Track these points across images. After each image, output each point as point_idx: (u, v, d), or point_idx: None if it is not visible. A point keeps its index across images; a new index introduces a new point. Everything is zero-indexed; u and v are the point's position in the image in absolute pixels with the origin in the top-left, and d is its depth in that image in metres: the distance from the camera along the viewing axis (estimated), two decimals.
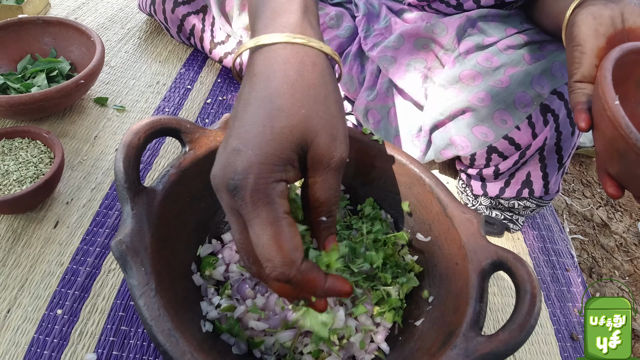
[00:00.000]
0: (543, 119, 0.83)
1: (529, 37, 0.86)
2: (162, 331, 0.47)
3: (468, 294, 0.59)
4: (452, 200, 0.69)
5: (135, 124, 0.59)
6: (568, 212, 1.41)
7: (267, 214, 0.40)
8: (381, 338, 0.65)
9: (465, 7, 0.96)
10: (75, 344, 0.68)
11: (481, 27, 0.90)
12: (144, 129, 0.59)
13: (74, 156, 0.93)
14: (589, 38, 0.58)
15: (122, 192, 0.56)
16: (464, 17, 0.93)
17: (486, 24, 0.90)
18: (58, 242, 0.79)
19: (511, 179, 0.94)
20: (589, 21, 0.59)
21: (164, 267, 0.56)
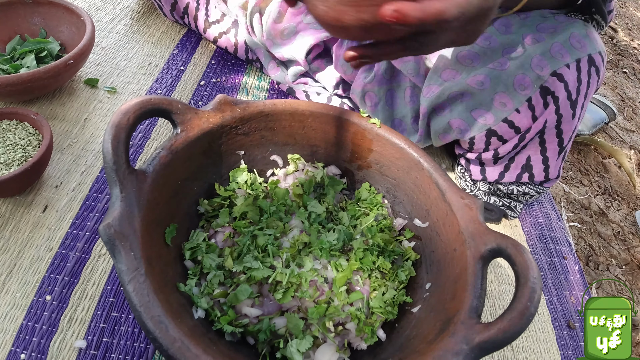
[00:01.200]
0: (543, 102, 0.81)
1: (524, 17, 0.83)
2: (152, 318, 0.46)
3: (466, 280, 0.58)
4: (450, 186, 0.68)
5: (124, 104, 0.57)
6: (566, 200, 1.39)
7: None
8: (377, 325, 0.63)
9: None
10: (65, 330, 0.67)
11: None
12: (133, 109, 0.57)
13: (63, 139, 0.91)
14: None
15: (110, 175, 0.54)
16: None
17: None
18: (47, 227, 0.77)
19: (511, 163, 0.93)
20: None
21: (154, 252, 0.55)
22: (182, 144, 0.63)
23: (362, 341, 0.62)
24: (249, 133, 0.72)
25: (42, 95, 0.97)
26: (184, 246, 0.63)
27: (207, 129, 0.66)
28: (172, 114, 0.63)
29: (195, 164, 0.66)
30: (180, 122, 0.64)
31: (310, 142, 0.77)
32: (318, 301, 0.60)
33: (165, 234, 0.60)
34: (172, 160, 0.62)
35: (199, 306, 0.58)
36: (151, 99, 0.60)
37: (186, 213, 0.66)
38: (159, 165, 0.60)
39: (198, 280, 0.61)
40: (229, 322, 0.58)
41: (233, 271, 0.62)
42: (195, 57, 1.19)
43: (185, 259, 0.63)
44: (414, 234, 0.73)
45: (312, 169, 0.77)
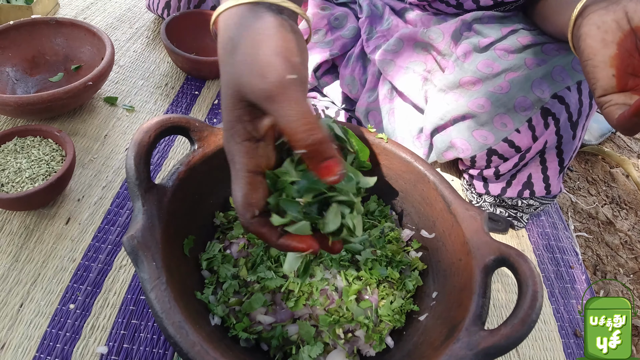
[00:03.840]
0: (544, 122, 0.83)
1: (529, 40, 0.84)
2: (173, 323, 0.49)
3: (471, 289, 0.61)
4: (456, 198, 0.70)
5: (145, 123, 0.61)
6: (573, 210, 1.41)
7: (233, 171, 0.46)
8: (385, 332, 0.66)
9: (465, 7, 0.95)
10: (87, 337, 0.70)
11: (477, 29, 0.89)
12: (154, 127, 0.61)
13: (84, 154, 0.95)
14: (598, 50, 0.56)
15: (133, 189, 0.58)
16: (459, 22, 0.92)
17: (482, 26, 0.89)
18: (70, 239, 0.81)
19: (512, 179, 0.95)
20: (593, 33, 0.57)
21: (174, 262, 0.58)
22: (200, 160, 0.66)
23: (370, 348, 0.64)
24: None
25: (64, 112, 1.01)
26: (201, 257, 0.67)
27: (222, 145, 0.69)
28: (189, 131, 0.66)
29: (211, 178, 0.69)
30: (197, 139, 0.67)
31: None
32: (329, 309, 0.63)
33: (183, 245, 0.63)
34: (190, 175, 0.65)
35: (216, 314, 0.61)
36: (170, 118, 0.63)
37: (203, 225, 0.70)
38: (177, 180, 0.63)
39: (214, 289, 0.65)
40: (244, 328, 0.61)
41: (247, 280, 0.65)
42: (209, 81, 1.22)
43: (202, 268, 0.66)
44: (421, 245, 0.76)
45: None
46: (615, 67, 0.56)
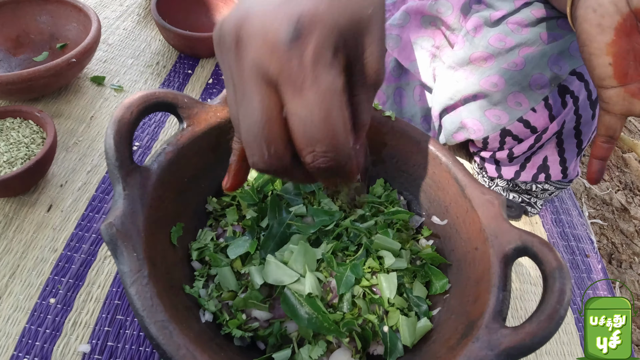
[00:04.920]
0: (561, 101, 0.78)
1: (543, 13, 0.78)
2: (155, 323, 0.43)
3: (489, 281, 0.55)
4: (471, 181, 0.64)
5: (127, 98, 0.55)
6: (586, 196, 1.35)
7: (329, 83, 0.31)
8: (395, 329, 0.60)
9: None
10: (69, 334, 0.64)
11: (488, 1, 0.83)
12: (137, 102, 0.54)
13: (68, 137, 0.89)
14: (594, 37, 0.51)
15: (113, 171, 0.51)
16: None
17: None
18: (51, 227, 0.75)
19: (527, 162, 0.89)
20: (589, 16, 0.51)
21: (159, 253, 0.52)
22: (189, 140, 0.60)
23: (378, 346, 0.58)
24: None
25: (48, 93, 0.95)
26: (191, 246, 0.61)
27: (214, 124, 0.63)
28: (177, 108, 0.60)
29: (203, 160, 0.63)
30: (186, 116, 0.61)
31: None
32: (332, 304, 0.57)
33: (171, 233, 0.57)
34: (178, 157, 0.59)
35: (207, 309, 0.55)
36: (155, 93, 0.57)
37: (194, 212, 0.63)
38: (164, 161, 0.57)
39: (205, 282, 0.59)
40: (238, 326, 0.55)
41: (242, 273, 0.59)
42: (203, 60, 1.15)
43: (192, 259, 0.60)
44: (432, 232, 0.70)
45: None
46: (612, 54, 0.51)
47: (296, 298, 0.54)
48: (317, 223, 0.63)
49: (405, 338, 0.57)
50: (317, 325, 0.53)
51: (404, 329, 0.57)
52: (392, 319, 0.58)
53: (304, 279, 0.55)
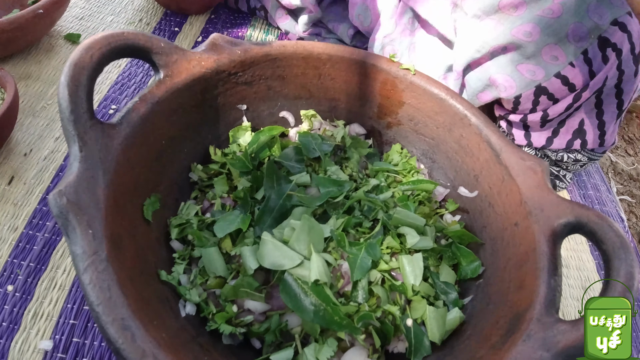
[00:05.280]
0: (602, 55, 0.68)
1: None
2: (114, 321, 0.32)
3: (536, 264, 0.45)
4: (507, 144, 0.54)
5: (87, 39, 0.44)
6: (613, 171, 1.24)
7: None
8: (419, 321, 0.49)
9: None
10: (28, 328, 0.54)
11: None
12: (99, 44, 0.44)
13: (36, 100, 0.77)
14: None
15: (67, 128, 0.41)
16: None
17: None
18: (12, 202, 0.64)
19: (560, 127, 0.79)
20: None
21: (126, 230, 0.41)
22: (166, 93, 0.49)
23: (399, 342, 0.48)
24: (252, 82, 0.58)
25: (16, 52, 0.84)
26: (170, 223, 0.50)
27: (198, 75, 0.52)
28: (152, 53, 0.49)
29: (184, 119, 0.52)
30: (163, 64, 0.50)
31: (328, 95, 0.63)
32: (344, 292, 0.46)
33: (143, 207, 0.46)
34: (153, 113, 0.48)
35: (188, 300, 0.45)
36: (123, 33, 0.46)
37: (174, 182, 0.53)
38: (135, 118, 0.46)
39: (187, 266, 0.48)
40: (227, 320, 0.45)
41: (232, 254, 0.48)
42: (192, 17, 1.04)
43: (172, 239, 0.49)
44: (459, 206, 0.59)
45: (330, 128, 0.63)
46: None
47: (299, 286, 0.44)
48: (323, 195, 0.52)
49: (432, 333, 0.47)
50: (326, 319, 0.42)
51: (432, 322, 0.47)
52: (417, 311, 0.48)
53: (309, 262, 0.45)
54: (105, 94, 0.81)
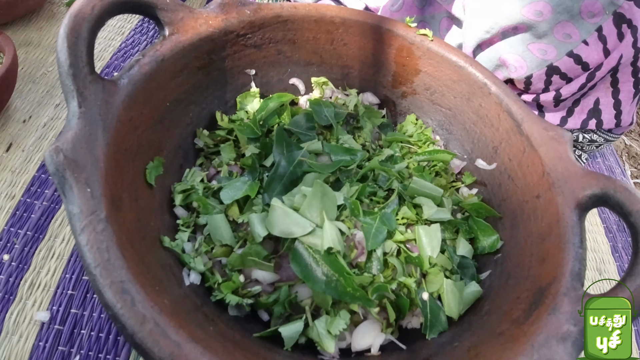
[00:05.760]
0: (617, 32, 0.66)
1: None
2: (112, 284, 0.30)
3: (560, 236, 0.42)
4: (528, 114, 0.51)
5: None
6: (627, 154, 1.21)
7: None
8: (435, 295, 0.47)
9: None
10: (25, 299, 0.52)
11: None
12: None
13: (36, 67, 0.75)
14: None
15: (65, 82, 0.38)
16: None
17: None
18: (10, 170, 0.62)
19: (575, 106, 0.76)
20: None
21: (127, 192, 0.39)
22: (172, 51, 0.46)
23: (414, 317, 0.46)
24: (262, 46, 0.55)
25: (18, 18, 0.82)
26: (174, 189, 0.47)
27: (205, 35, 0.49)
28: (157, 9, 0.46)
29: (190, 81, 0.50)
30: (169, 22, 0.47)
31: (341, 62, 0.60)
32: (357, 264, 0.44)
33: (146, 170, 0.44)
34: (157, 72, 0.45)
35: (192, 269, 0.42)
36: None
37: (178, 146, 0.50)
38: (138, 75, 0.43)
39: (192, 234, 0.45)
40: (234, 290, 0.42)
41: (240, 222, 0.46)
42: None
43: (176, 205, 0.46)
44: (476, 179, 0.56)
45: (342, 97, 0.60)
46: None
47: (310, 255, 0.41)
48: (335, 162, 0.50)
49: (449, 308, 0.44)
50: (338, 290, 0.40)
51: (449, 296, 0.44)
52: (434, 284, 0.45)
53: (321, 230, 0.42)
54: (107, 61, 0.78)
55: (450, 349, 0.41)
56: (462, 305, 0.45)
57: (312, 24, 0.56)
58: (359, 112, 0.59)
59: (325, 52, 0.59)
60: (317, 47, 0.58)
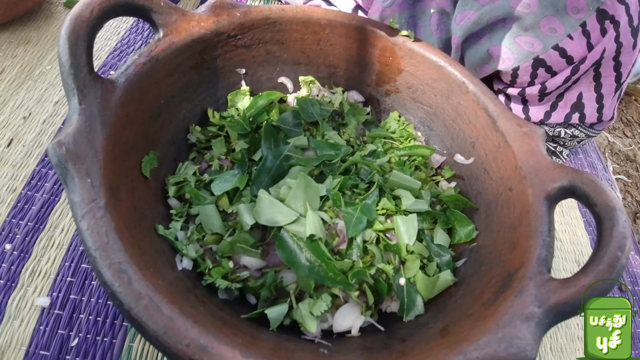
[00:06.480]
0: (600, 27, 0.68)
1: None
2: (110, 264, 0.33)
3: (529, 225, 0.45)
4: (503, 111, 0.54)
5: None
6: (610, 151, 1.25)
7: None
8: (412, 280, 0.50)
9: None
10: (26, 285, 0.54)
11: None
12: None
13: (35, 65, 0.77)
14: None
15: (66, 81, 0.41)
16: None
17: None
18: (11, 164, 0.64)
19: (559, 100, 0.78)
20: None
21: (124, 182, 0.42)
22: (166, 51, 0.49)
23: (393, 301, 0.49)
24: (251, 46, 0.58)
25: (17, 18, 0.84)
26: (167, 181, 0.50)
27: (197, 36, 0.52)
28: (152, 12, 0.49)
29: (183, 79, 0.52)
30: (163, 23, 0.50)
31: (327, 61, 0.63)
32: (338, 250, 0.47)
33: (142, 163, 0.46)
34: (152, 70, 0.48)
35: (185, 255, 0.45)
36: None
37: (172, 141, 0.53)
38: (134, 74, 0.46)
39: (185, 223, 0.48)
40: (224, 275, 0.45)
41: (229, 212, 0.49)
42: None
43: (169, 196, 0.49)
44: (455, 173, 0.59)
45: (329, 95, 0.63)
46: None
47: (295, 242, 0.44)
48: (320, 156, 0.52)
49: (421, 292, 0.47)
50: (320, 275, 0.43)
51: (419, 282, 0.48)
52: (411, 270, 0.48)
53: (305, 218, 0.45)
54: (104, 60, 0.81)
55: (424, 330, 0.44)
56: (432, 290, 0.48)
57: (300, 25, 0.59)
58: (344, 109, 0.62)
59: (312, 52, 0.62)
60: (304, 47, 0.61)
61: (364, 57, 0.62)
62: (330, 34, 0.60)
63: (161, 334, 0.31)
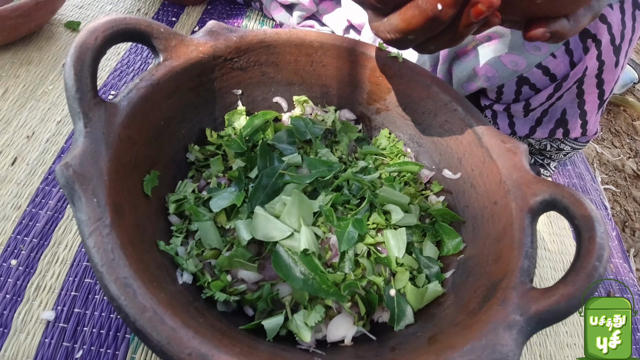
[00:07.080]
0: (583, 46, 0.70)
1: None
2: (116, 280, 0.35)
3: (513, 238, 0.47)
4: (488, 128, 0.56)
5: (92, 22, 0.46)
6: (599, 161, 1.28)
7: None
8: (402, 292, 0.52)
9: None
10: (31, 300, 0.56)
11: None
12: (102, 27, 0.46)
13: (38, 85, 0.80)
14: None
15: (72, 105, 0.43)
16: None
17: None
18: (15, 182, 0.67)
19: (543, 116, 0.81)
20: None
21: (127, 201, 0.44)
22: (165, 75, 0.52)
23: (384, 312, 0.51)
24: (247, 68, 0.61)
25: (18, 38, 0.86)
26: (168, 198, 0.53)
27: (195, 60, 0.54)
28: (152, 38, 0.51)
29: (182, 101, 0.55)
30: (163, 49, 0.52)
31: (320, 81, 0.66)
32: (331, 264, 0.49)
33: (143, 182, 0.49)
34: (153, 94, 0.50)
35: (185, 269, 0.47)
36: (126, 18, 0.48)
37: (172, 160, 0.55)
38: (136, 98, 0.48)
39: (185, 238, 0.51)
40: (222, 288, 0.48)
41: (227, 228, 0.51)
42: (189, 8, 1.06)
43: (170, 213, 0.52)
44: (443, 188, 0.62)
45: (321, 113, 0.65)
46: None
47: (290, 256, 0.47)
48: (313, 174, 0.55)
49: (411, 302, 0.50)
50: (314, 287, 0.45)
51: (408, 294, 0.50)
52: (401, 282, 0.51)
53: (299, 234, 0.47)
54: (104, 80, 0.83)
55: (414, 338, 0.46)
56: (421, 301, 0.50)
57: (293, 47, 0.62)
58: (336, 127, 0.64)
59: (305, 73, 0.64)
60: (298, 68, 0.64)
61: (355, 77, 0.64)
62: (323, 55, 0.63)
63: (165, 344, 0.33)
